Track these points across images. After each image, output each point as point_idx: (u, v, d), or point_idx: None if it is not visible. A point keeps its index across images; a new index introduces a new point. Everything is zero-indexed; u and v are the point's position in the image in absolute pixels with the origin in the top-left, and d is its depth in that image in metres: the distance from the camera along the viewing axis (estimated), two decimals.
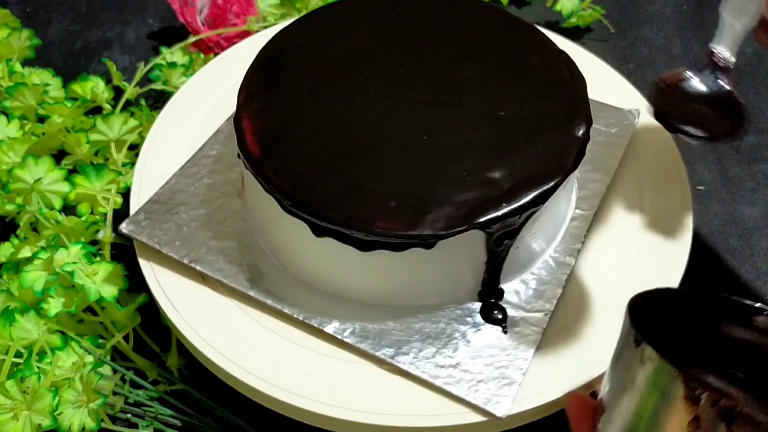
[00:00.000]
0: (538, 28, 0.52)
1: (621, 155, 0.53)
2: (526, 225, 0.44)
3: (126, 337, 0.50)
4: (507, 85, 0.48)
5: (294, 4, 0.72)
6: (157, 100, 0.68)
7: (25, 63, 0.68)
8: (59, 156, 0.61)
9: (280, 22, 0.68)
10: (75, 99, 0.64)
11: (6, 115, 0.62)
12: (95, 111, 0.64)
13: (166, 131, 0.56)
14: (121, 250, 0.55)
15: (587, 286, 0.47)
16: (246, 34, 0.68)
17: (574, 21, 0.73)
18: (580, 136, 0.45)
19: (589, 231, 0.49)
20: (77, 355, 0.48)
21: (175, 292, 0.47)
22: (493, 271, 0.45)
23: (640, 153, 0.54)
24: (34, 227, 0.56)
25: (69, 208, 0.57)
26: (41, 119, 0.63)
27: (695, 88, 0.46)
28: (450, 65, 0.49)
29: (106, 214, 0.56)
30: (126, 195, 0.57)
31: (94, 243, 0.55)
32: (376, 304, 0.46)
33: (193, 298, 0.47)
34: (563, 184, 0.44)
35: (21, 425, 0.44)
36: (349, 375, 0.44)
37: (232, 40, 0.68)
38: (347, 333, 0.45)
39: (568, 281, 0.47)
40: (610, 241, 0.50)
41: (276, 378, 0.43)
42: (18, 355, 0.48)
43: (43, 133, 0.61)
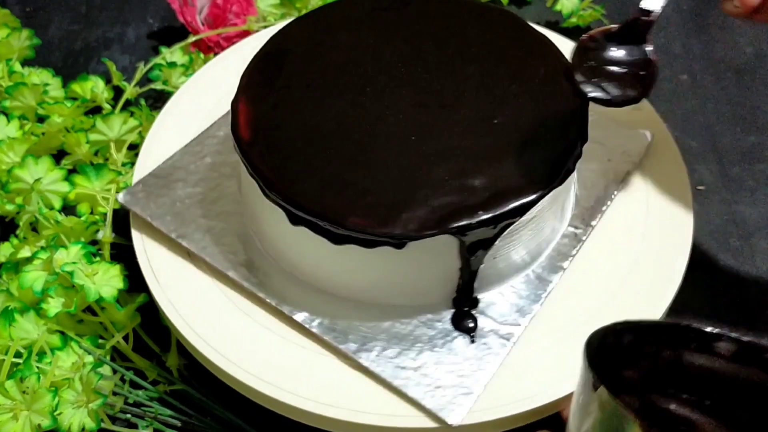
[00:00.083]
0: (547, 36, 0.51)
1: (625, 178, 0.52)
2: (503, 236, 0.43)
3: (126, 337, 0.50)
4: (506, 93, 0.47)
5: (294, 3, 0.72)
6: (157, 100, 0.68)
7: (24, 63, 0.68)
8: (59, 156, 0.61)
9: (280, 21, 0.68)
10: (75, 99, 0.64)
11: (6, 115, 0.62)
12: (95, 111, 0.64)
13: (165, 131, 0.56)
14: (121, 250, 0.55)
15: (566, 307, 0.46)
16: (246, 34, 0.68)
17: (574, 21, 0.73)
18: (571, 153, 0.45)
19: (579, 250, 0.49)
20: (77, 356, 0.48)
21: (161, 265, 0.49)
22: (467, 279, 0.45)
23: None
24: (34, 227, 0.56)
25: (69, 208, 0.57)
26: (41, 119, 0.63)
27: (614, 48, 0.44)
28: (451, 68, 0.49)
29: (105, 214, 0.56)
30: None
31: (94, 243, 0.55)
32: (348, 298, 0.46)
33: (183, 279, 0.48)
34: (548, 199, 0.44)
35: (21, 425, 0.44)
36: (327, 370, 0.44)
37: (232, 40, 0.68)
38: (315, 324, 0.45)
39: (546, 299, 0.46)
40: (600, 262, 0.49)
41: (276, 378, 0.43)
42: (18, 355, 0.48)
43: (42, 133, 0.61)
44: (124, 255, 0.54)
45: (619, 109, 0.48)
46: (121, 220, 0.56)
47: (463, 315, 0.46)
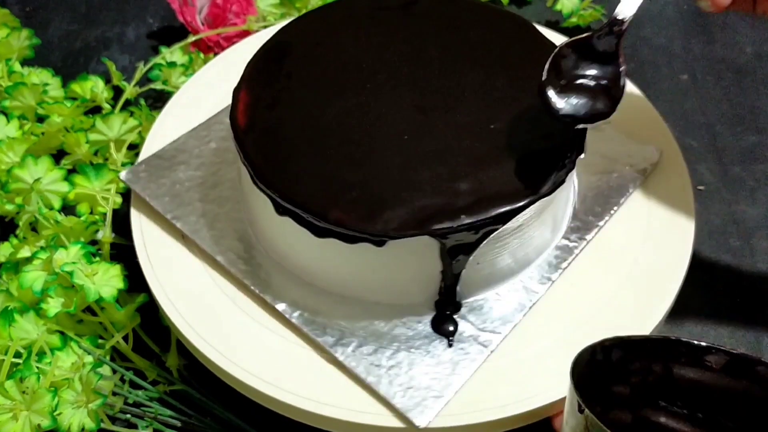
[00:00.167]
0: (551, 39, 0.51)
1: (628, 193, 0.51)
2: (486, 242, 0.43)
3: (125, 338, 0.50)
4: (506, 98, 0.47)
5: (294, 3, 0.72)
6: (157, 100, 0.68)
7: (24, 63, 0.68)
8: (59, 156, 0.61)
9: (279, 21, 0.68)
10: (74, 99, 0.64)
11: (5, 114, 0.62)
12: (95, 111, 0.64)
13: (166, 131, 0.56)
14: (120, 250, 0.55)
15: (551, 319, 0.46)
16: (246, 34, 0.68)
17: (574, 21, 0.73)
18: (564, 164, 0.44)
19: (571, 263, 0.48)
20: (77, 356, 0.48)
21: (157, 247, 0.49)
22: (449, 283, 0.45)
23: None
24: (34, 227, 0.56)
25: (68, 208, 0.57)
26: (41, 119, 0.63)
27: (585, 61, 0.43)
28: (452, 70, 0.48)
29: (105, 214, 0.56)
30: (126, 195, 0.57)
31: (94, 243, 0.55)
32: (331, 291, 0.46)
33: (183, 279, 0.48)
34: (535, 208, 0.43)
35: (20, 425, 0.44)
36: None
37: (232, 40, 0.68)
38: (296, 315, 0.45)
39: (531, 309, 0.46)
40: (592, 277, 0.48)
41: (276, 378, 0.43)
42: (17, 355, 0.47)
43: (42, 133, 0.61)
44: (124, 255, 0.54)
45: (622, 113, 0.48)
46: (121, 220, 0.56)
47: (444, 318, 0.45)
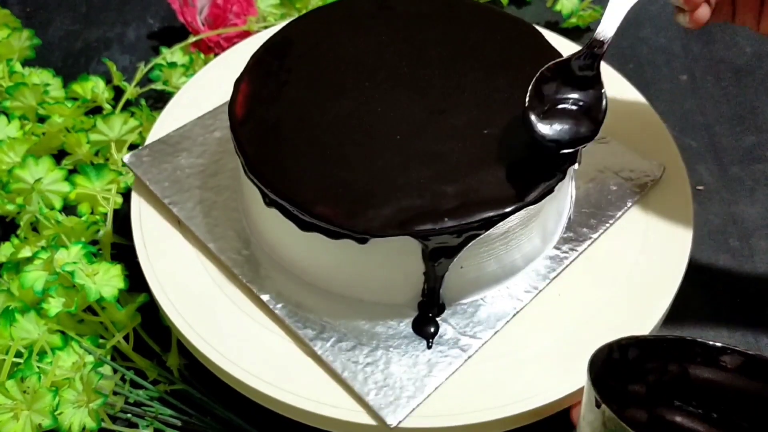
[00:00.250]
0: (549, 39, 0.51)
1: (626, 207, 0.51)
2: (470, 247, 0.43)
3: (126, 337, 0.50)
4: (503, 104, 0.46)
5: (294, 4, 0.72)
6: (157, 100, 0.68)
7: (25, 63, 0.69)
8: (59, 156, 0.61)
9: (280, 22, 0.68)
10: (75, 99, 0.64)
11: (6, 115, 0.62)
12: (95, 111, 0.64)
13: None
14: (121, 250, 0.55)
15: (536, 328, 0.46)
16: (246, 34, 0.68)
17: (574, 21, 0.73)
18: (554, 173, 0.43)
19: (560, 273, 0.48)
20: (77, 355, 0.48)
21: (157, 246, 0.50)
22: (432, 285, 0.45)
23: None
24: (35, 227, 0.56)
25: (69, 208, 0.57)
26: (41, 119, 0.63)
27: (567, 84, 0.43)
28: (451, 72, 0.48)
29: (106, 214, 0.56)
30: (126, 195, 0.57)
31: (94, 243, 0.55)
32: (315, 285, 0.47)
33: (183, 278, 0.48)
34: (520, 216, 0.43)
35: (21, 425, 0.44)
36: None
37: (232, 40, 0.68)
38: (279, 306, 0.46)
39: (514, 317, 0.46)
40: (581, 288, 0.47)
41: (276, 378, 0.44)
42: (18, 355, 0.48)
43: (43, 133, 0.61)
44: (124, 255, 0.54)
45: (625, 122, 0.48)
46: (122, 220, 0.56)
47: (426, 320, 0.45)
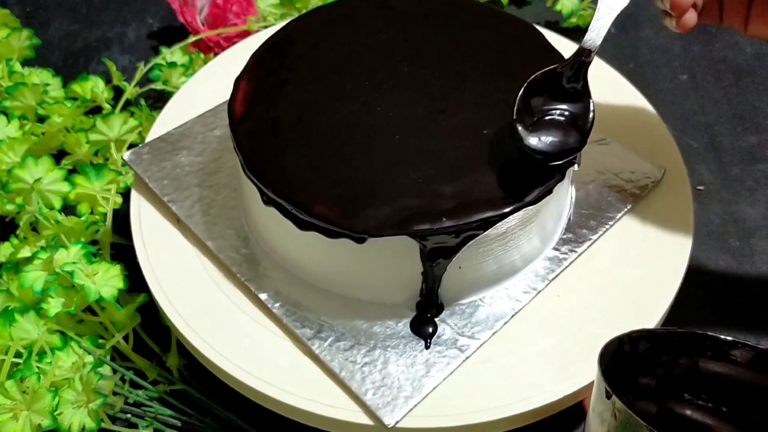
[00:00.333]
0: (549, 40, 0.51)
1: (625, 208, 0.51)
2: (468, 247, 0.43)
3: (126, 337, 0.50)
4: (503, 103, 0.46)
5: (294, 3, 0.72)
6: (157, 100, 0.68)
7: (24, 63, 0.69)
8: (59, 156, 0.61)
9: (280, 21, 0.68)
10: (75, 99, 0.64)
11: (6, 115, 0.62)
12: (95, 111, 0.64)
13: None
14: (121, 250, 0.55)
15: (534, 329, 0.46)
16: (246, 34, 0.68)
17: (574, 21, 0.73)
18: (552, 174, 0.43)
19: (560, 274, 0.48)
20: (77, 355, 0.48)
21: (157, 246, 0.50)
22: (431, 285, 0.45)
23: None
24: (34, 227, 0.56)
25: (69, 208, 0.57)
26: (41, 119, 0.63)
27: (554, 95, 0.43)
28: (452, 72, 0.48)
29: (105, 214, 0.56)
30: (126, 195, 0.57)
31: (94, 243, 0.55)
32: (314, 284, 0.47)
33: (183, 278, 0.48)
34: (519, 216, 0.43)
35: (21, 425, 0.44)
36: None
37: (232, 40, 0.68)
38: (277, 305, 0.46)
39: (513, 318, 0.46)
40: (580, 290, 0.47)
41: (276, 378, 0.44)
42: (18, 355, 0.48)
43: (42, 133, 0.61)
44: (124, 255, 0.54)
45: (626, 123, 0.48)
46: (121, 220, 0.56)
47: (424, 320, 0.45)
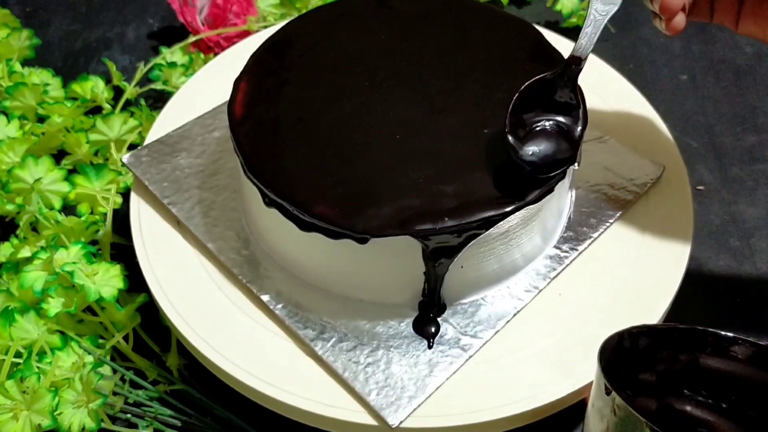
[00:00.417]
0: (549, 40, 0.51)
1: (626, 207, 0.51)
2: (470, 246, 0.43)
3: (126, 337, 0.50)
4: (503, 103, 0.46)
5: (294, 3, 0.72)
6: (157, 100, 0.68)
7: (24, 63, 0.68)
8: (59, 156, 0.61)
9: (279, 21, 0.68)
10: (75, 99, 0.64)
11: (6, 115, 0.62)
12: (95, 111, 0.64)
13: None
14: (121, 250, 0.55)
15: (536, 328, 0.46)
16: (246, 34, 0.68)
17: (574, 21, 0.73)
18: (552, 174, 0.43)
19: (561, 273, 0.48)
20: (77, 355, 0.48)
21: (157, 246, 0.50)
22: (433, 285, 0.45)
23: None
24: (34, 227, 0.56)
25: (69, 208, 0.57)
26: (41, 119, 0.63)
27: (545, 106, 0.43)
28: (452, 72, 0.48)
29: (105, 214, 0.56)
30: (126, 195, 0.57)
31: (94, 243, 0.55)
32: (315, 285, 0.47)
33: (183, 279, 0.48)
34: (520, 215, 0.43)
35: (21, 425, 0.44)
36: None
37: (232, 40, 0.68)
38: (279, 306, 0.46)
39: (515, 317, 0.46)
40: (580, 287, 0.48)
41: (276, 378, 0.44)
42: (18, 355, 0.48)
43: (42, 133, 0.61)
44: (124, 255, 0.54)
45: (625, 122, 0.48)
46: (121, 220, 0.56)
47: (426, 320, 0.45)
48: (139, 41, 0.75)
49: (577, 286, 0.48)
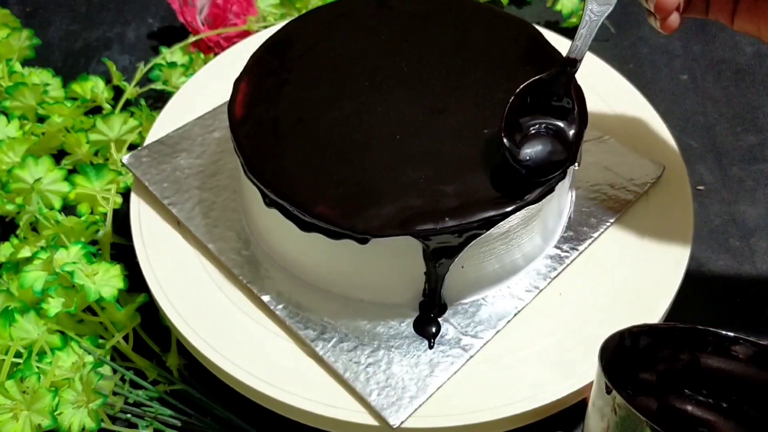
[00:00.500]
0: (549, 39, 0.51)
1: (626, 207, 0.51)
2: (471, 246, 0.43)
3: (126, 337, 0.50)
4: (503, 103, 0.45)
5: (294, 3, 0.72)
6: (157, 100, 0.68)
7: (25, 63, 0.68)
8: (59, 156, 0.61)
9: (280, 21, 0.68)
10: (75, 99, 0.64)
11: (6, 115, 0.62)
12: (95, 111, 0.64)
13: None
14: (121, 250, 0.55)
15: (537, 328, 0.46)
16: (246, 34, 0.68)
17: (574, 21, 0.73)
18: (548, 178, 0.43)
19: (561, 272, 0.48)
20: (77, 355, 0.48)
21: (157, 246, 0.50)
22: (434, 285, 0.45)
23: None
24: (34, 227, 0.56)
25: (69, 208, 0.57)
26: (41, 119, 0.63)
27: (541, 110, 0.43)
28: (452, 72, 0.48)
29: (105, 214, 0.56)
30: (126, 195, 0.57)
31: (94, 243, 0.55)
32: (316, 285, 0.47)
33: (183, 278, 0.48)
34: (521, 215, 0.43)
35: (21, 425, 0.44)
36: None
37: (232, 40, 0.68)
38: (280, 307, 0.46)
39: (515, 316, 0.46)
40: (580, 287, 0.48)
41: (276, 378, 0.44)
42: (18, 355, 0.48)
43: (43, 133, 0.61)
44: (124, 255, 0.54)
45: (625, 122, 0.47)
46: (121, 220, 0.56)
47: (427, 320, 0.45)
48: (139, 41, 0.75)
49: (577, 285, 0.48)
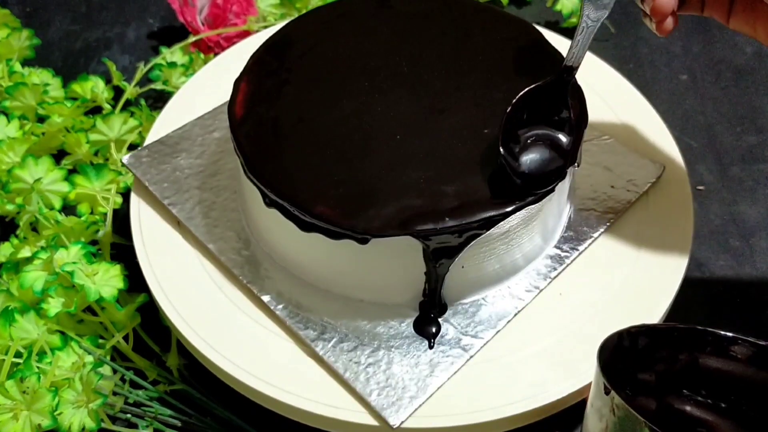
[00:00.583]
0: (549, 39, 0.51)
1: (626, 207, 0.51)
2: (471, 246, 0.43)
3: (126, 337, 0.50)
4: (503, 103, 0.45)
5: (294, 3, 0.72)
6: (157, 100, 0.68)
7: (25, 63, 0.68)
8: (59, 156, 0.61)
9: (280, 21, 0.68)
10: (75, 99, 0.64)
11: (6, 115, 0.62)
12: (95, 111, 0.64)
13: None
14: (121, 250, 0.55)
15: (537, 328, 0.46)
16: (246, 34, 0.68)
17: (574, 21, 0.73)
18: (549, 185, 0.43)
19: (561, 272, 0.48)
20: (77, 355, 0.48)
21: (157, 247, 0.50)
22: (434, 285, 0.45)
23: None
24: (34, 227, 0.56)
25: (69, 208, 0.57)
26: (41, 119, 0.63)
27: (538, 120, 0.43)
28: (452, 72, 0.48)
29: (105, 214, 0.56)
30: (126, 195, 0.57)
31: (94, 243, 0.55)
32: (316, 286, 0.47)
33: (183, 278, 0.48)
34: (521, 215, 0.43)
35: (21, 425, 0.44)
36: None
37: (232, 40, 0.68)
38: (280, 307, 0.46)
39: (515, 316, 0.46)
40: (580, 287, 0.48)
41: (276, 378, 0.44)
42: (18, 355, 0.48)
43: (43, 133, 0.61)
44: (124, 255, 0.54)
45: (625, 123, 0.47)
46: (121, 220, 0.56)
47: (427, 320, 0.45)
48: (139, 41, 0.75)
49: (577, 285, 0.48)
